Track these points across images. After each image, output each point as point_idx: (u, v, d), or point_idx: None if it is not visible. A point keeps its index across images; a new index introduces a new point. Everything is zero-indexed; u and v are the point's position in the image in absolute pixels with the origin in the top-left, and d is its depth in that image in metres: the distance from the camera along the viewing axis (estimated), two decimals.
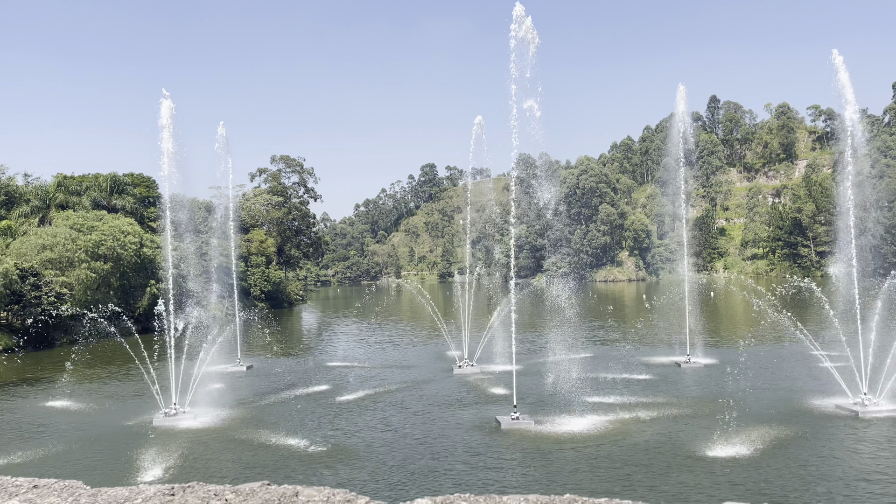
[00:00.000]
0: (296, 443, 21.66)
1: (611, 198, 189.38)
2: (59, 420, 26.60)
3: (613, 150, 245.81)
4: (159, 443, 22.15)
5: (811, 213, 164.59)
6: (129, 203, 74.49)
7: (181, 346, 27.92)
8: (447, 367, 36.93)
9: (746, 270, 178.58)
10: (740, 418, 22.58)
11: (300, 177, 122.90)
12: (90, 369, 38.70)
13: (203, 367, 28.37)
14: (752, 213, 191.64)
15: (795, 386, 29.07)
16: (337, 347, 50.57)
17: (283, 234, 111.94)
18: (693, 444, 20.19)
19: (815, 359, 29.66)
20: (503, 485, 17.22)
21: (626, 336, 50.61)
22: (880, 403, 23.95)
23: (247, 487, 6.38)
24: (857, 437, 20.97)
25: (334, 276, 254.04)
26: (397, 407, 27.16)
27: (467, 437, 22.18)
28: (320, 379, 34.11)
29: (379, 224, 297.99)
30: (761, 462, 18.39)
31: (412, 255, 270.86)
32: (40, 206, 68.88)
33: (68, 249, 55.07)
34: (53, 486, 7.44)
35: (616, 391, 28.56)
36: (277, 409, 27.26)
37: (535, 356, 40.12)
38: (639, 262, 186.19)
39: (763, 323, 51.40)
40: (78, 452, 21.57)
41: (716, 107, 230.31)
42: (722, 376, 31.95)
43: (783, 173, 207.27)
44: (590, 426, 22.86)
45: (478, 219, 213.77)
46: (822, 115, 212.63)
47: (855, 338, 25.55)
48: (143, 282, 60.58)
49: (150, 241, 62.55)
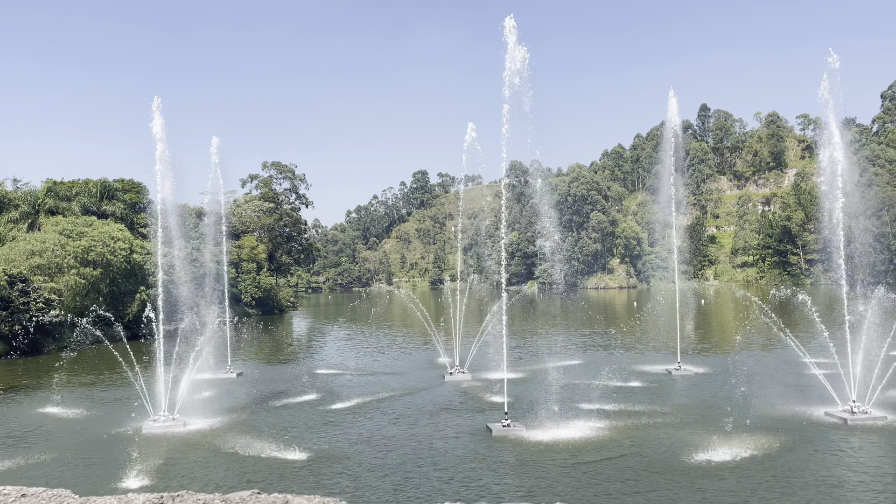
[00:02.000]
0: (286, 451, 21.56)
1: (602, 205, 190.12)
2: (48, 427, 26.38)
3: (605, 158, 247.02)
4: (148, 451, 21.99)
5: (800, 222, 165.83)
6: (120, 209, 74.17)
7: (171, 353, 27.76)
8: (438, 374, 36.89)
9: (736, 278, 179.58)
10: (730, 426, 22.69)
11: (292, 183, 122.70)
12: (79, 376, 38.42)
13: (193, 375, 28.21)
14: (742, 221, 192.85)
15: (785, 393, 29.20)
16: (328, 355, 50.42)
17: (274, 241, 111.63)
18: (683, 452, 20.24)
19: (804, 366, 29.82)
20: (493, 492, 17.20)
21: (617, 343, 50.71)
22: (869, 411, 24.09)
23: (236, 496, 6.36)
24: (844, 444, 21.07)
25: (325, 282, 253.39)
26: (388, 414, 27.09)
27: (458, 444, 22.15)
28: (311, 386, 33.99)
29: (370, 231, 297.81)
30: (749, 469, 18.46)
31: (404, 262, 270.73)
32: (29, 212, 68.46)
33: (57, 255, 54.73)
34: (42, 494, 7.39)
35: (607, 398, 28.59)
36: (268, 417, 27.14)
37: (527, 363, 40.12)
38: (630, 269, 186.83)
39: (749, 328, 51.71)
40: (66, 460, 21.39)
41: (706, 115, 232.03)
42: (712, 384, 32.09)
43: (773, 181, 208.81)
44: (581, 434, 22.88)
45: (469, 226, 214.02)
46: (811, 125, 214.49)
47: (844, 345, 25.72)
48: (132, 288, 60.26)
49: (140, 247, 62.28)
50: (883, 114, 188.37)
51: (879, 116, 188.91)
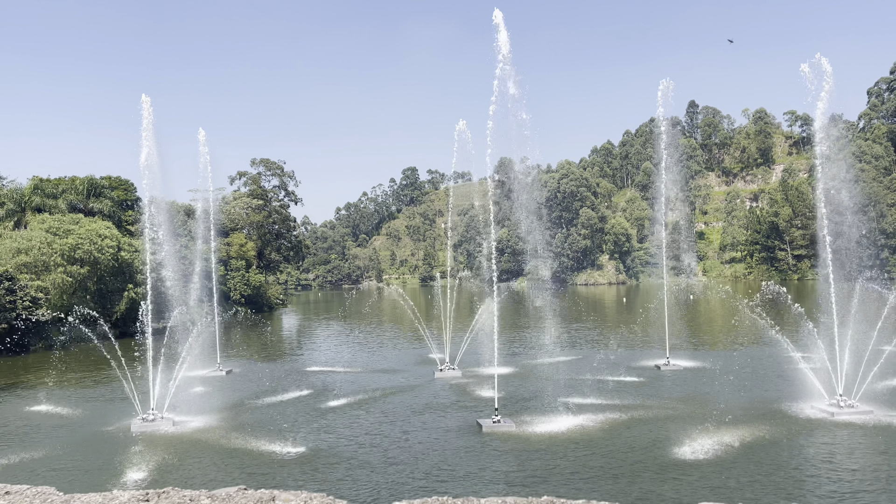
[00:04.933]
0: (275, 448, 21.51)
1: (591, 202, 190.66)
2: (35, 426, 26.18)
3: (594, 155, 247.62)
4: (136, 448, 21.88)
5: (788, 218, 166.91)
6: (107, 206, 73.56)
7: (159, 350, 27.60)
8: (429, 370, 36.89)
9: (725, 274, 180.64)
10: (718, 420, 22.85)
11: (281, 180, 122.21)
12: (67, 374, 38.14)
13: (182, 372, 28.07)
14: (731, 217, 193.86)
15: (772, 388, 29.43)
16: (317, 352, 50.30)
17: (263, 238, 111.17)
18: (670, 447, 20.35)
19: (792, 361, 30.03)
20: (482, 487, 17.23)
21: (606, 339, 50.90)
22: (855, 405, 24.28)
23: (223, 492, 6.33)
24: (829, 438, 21.25)
25: (315, 279, 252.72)
26: (377, 411, 27.06)
27: (448, 440, 22.17)
28: (300, 384, 33.91)
29: (360, 227, 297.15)
30: (735, 463, 18.58)
31: (394, 259, 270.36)
32: (15, 210, 67.77)
33: (44, 253, 54.27)
34: (26, 492, 7.32)
35: (597, 394, 28.70)
36: (257, 414, 27.05)
37: (517, 359, 40.20)
38: (619, 265, 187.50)
39: (736, 323, 52.01)
40: (53, 458, 21.24)
41: (694, 112, 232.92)
42: (701, 379, 32.29)
43: (761, 178, 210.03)
44: (570, 428, 22.97)
45: (459, 222, 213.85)
46: (799, 121, 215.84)
47: (831, 340, 25.91)
48: (120, 286, 59.83)
49: (127, 244, 61.82)
50: (869, 110, 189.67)
51: (866, 113, 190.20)
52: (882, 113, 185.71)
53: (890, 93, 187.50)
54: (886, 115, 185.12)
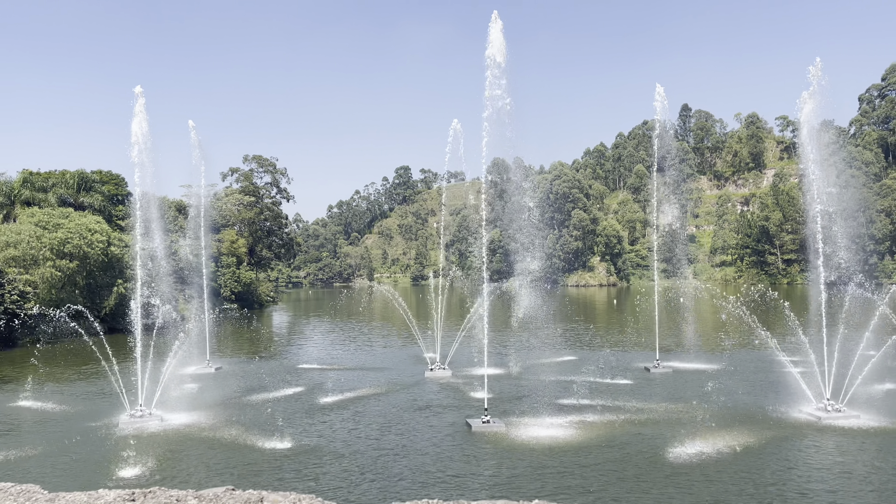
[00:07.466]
0: (264, 447, 21.42)
1: (583, 203, 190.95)
2: (21, 422, 25.98)
3: (587, 157, 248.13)
4: (124, 446, 21.72)
5: (778, 222, 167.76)
6: (97, 201, 73.08)
7: (148, 346, 27.44)
8: (419, 370, 36.84)
9: (715, 277, 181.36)
10: (705, 423, 22.92)
11: (273, 177, 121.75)
12: (54, 370, 37.87)
13: (171, 369, 27.92)
14: (722, 220, 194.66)
15: (761, 391, 29.55)
16: (307, 350, 50.15)
17: (254, 235, 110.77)
18: (658, 449, 20.39)
19: (780, 364, 30.18)
20: (471, 489, 17.21)
21: (596, 340, 51.00)
22: (842, 409, 24.41)
23: (210, 493, 6.28)
24: (816, 443, 21.35)
25: (306, 277, 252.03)
26: (368, 410, 27.00)
27: (437, 440, 22.14)
28: (290, 381, 33.80)
29: (352, 226, 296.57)
30: (721, 467, 18.62)
31: (385, 258, 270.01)
32: (4, 203, 67.22)
33: (33, 247, 53.86)
34: (10, 490, 7.25)
35: (586, 395, 28.74)
36: (246, 412, 26.93)
37: (507, 359, 40.20)
38: (610, 267, 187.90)
39: (725, 326, 52.23)
40: (39, 456, 21.07)
41: (687, 115, 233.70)
42: (690, 381, 32.39)
43: (752, 182, 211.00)
44: (559, 430, 22.99)
45: (452, 222, 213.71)
46: (790, 126, 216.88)
47: (819, 344, 26.04)
48: (110, 281, 59.44)
49: (118, 239, 61.43)
50: (860, 116, 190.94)
51: (857, 119, 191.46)
52: (873, 119, 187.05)
53: (881, 99, 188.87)
54: (877, 121, 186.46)
